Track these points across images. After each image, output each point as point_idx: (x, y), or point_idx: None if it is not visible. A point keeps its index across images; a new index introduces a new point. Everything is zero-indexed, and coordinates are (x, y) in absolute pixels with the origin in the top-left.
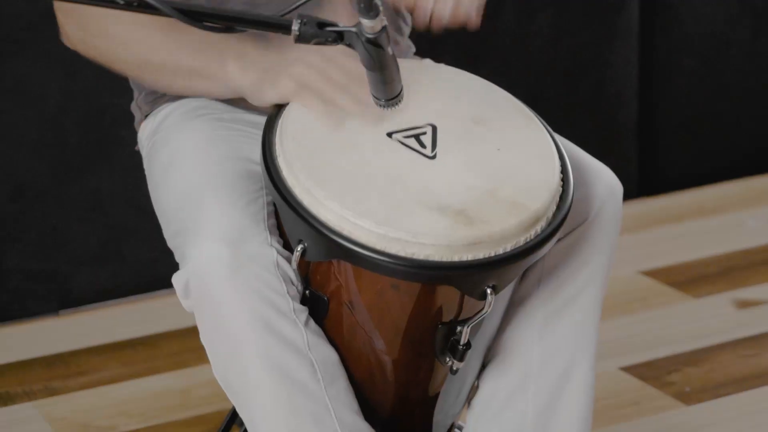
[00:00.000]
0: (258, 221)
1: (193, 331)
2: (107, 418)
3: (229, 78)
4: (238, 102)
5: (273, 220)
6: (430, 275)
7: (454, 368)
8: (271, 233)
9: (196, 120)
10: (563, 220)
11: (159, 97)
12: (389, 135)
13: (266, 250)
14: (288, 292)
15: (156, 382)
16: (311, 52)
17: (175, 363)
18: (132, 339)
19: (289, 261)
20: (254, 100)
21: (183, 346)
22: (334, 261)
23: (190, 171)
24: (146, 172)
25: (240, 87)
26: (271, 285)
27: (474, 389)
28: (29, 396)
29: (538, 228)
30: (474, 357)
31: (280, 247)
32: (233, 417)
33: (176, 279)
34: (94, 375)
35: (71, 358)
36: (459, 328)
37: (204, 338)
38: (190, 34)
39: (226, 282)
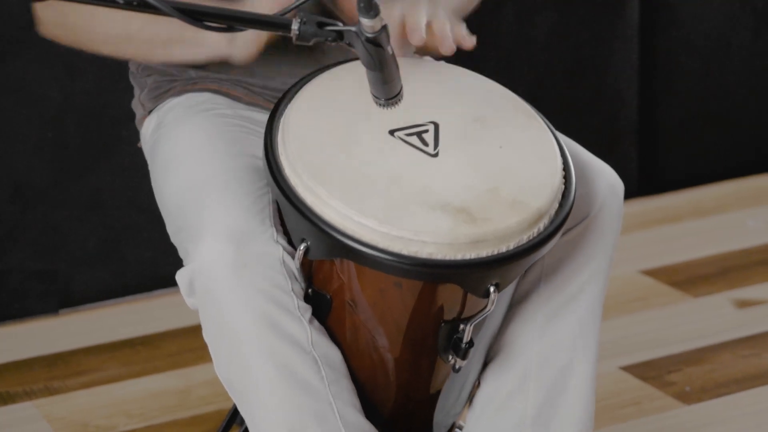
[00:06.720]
0: (264, 218)
1: (192, 331)
2: (107, 417)
3: (205, 40)
4: (241, 98)
5: (279, 217)
6: (432, 273)
7: (457, 366)
8: (277, 230)
9: (199, 115)
10: (566, 218)
11: (162, 93)
12: (391, 133)
13: (272, 247)
14: (293, 290)
15: (155, 381)
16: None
17: (174, 363)
18: (132, 339)
19: (294, 258)
20: (234, 56)
21: (182, 346)
22: (337, 260)
23: (194, 167)
24: (150, 168)
25: (217, 45)
26: (276, 282)
27: (475, 388)
28: (29, 395)
29: (541, 226)
30: (476, 355)
31: (285, 244)
32: (233, 416)
33: (180, 276)
34: (94, 375)
35: (71, 358)
36: (462, 326)
37: (207, 336)
38: None
39: (230, 280)
